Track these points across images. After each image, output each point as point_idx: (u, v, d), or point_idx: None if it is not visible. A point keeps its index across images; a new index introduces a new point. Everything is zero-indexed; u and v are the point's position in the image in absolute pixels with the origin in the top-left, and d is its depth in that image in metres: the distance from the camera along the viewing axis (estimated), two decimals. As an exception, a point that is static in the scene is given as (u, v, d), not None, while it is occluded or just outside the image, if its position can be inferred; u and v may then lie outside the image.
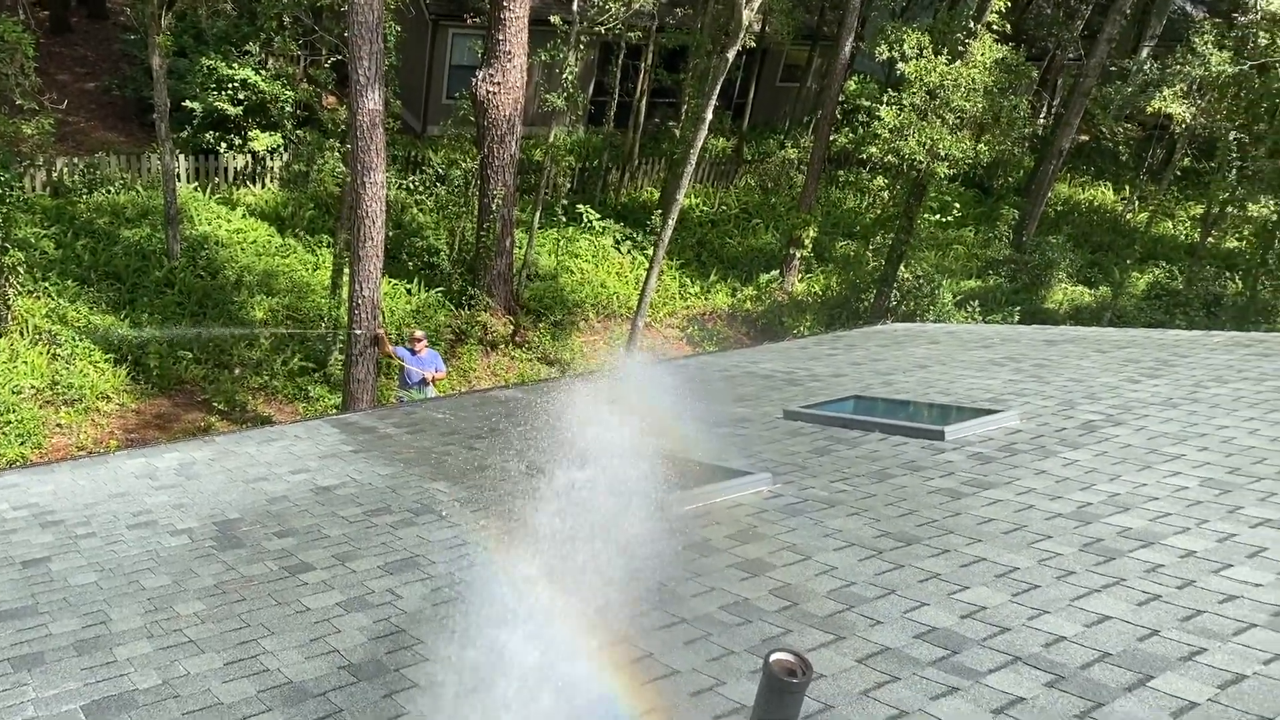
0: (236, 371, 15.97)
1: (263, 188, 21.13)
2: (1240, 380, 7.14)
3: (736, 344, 20.51)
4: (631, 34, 22.39)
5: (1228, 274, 22.37)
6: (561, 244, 21.70)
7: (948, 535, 4.55)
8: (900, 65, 18.44)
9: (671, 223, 17.01)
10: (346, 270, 14.88)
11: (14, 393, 14.29)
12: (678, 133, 24.84)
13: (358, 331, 13.35)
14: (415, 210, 21.25)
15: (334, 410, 14.78)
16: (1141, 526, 4.41)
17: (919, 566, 4.21)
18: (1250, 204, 21.19)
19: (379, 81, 12.55)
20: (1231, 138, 19.94)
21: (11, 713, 3.59)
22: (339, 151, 17.89)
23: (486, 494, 5.93)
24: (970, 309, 19.65)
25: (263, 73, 20.28)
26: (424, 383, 13.41)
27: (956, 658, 3.37)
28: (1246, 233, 22.68)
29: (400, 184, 21.31)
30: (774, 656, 2.41)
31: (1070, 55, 28.35)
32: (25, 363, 14.92)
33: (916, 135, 17.55)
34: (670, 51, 25.27)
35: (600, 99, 26.03)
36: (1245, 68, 19.02)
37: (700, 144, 16.62)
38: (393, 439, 7.78)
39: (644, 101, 24.30)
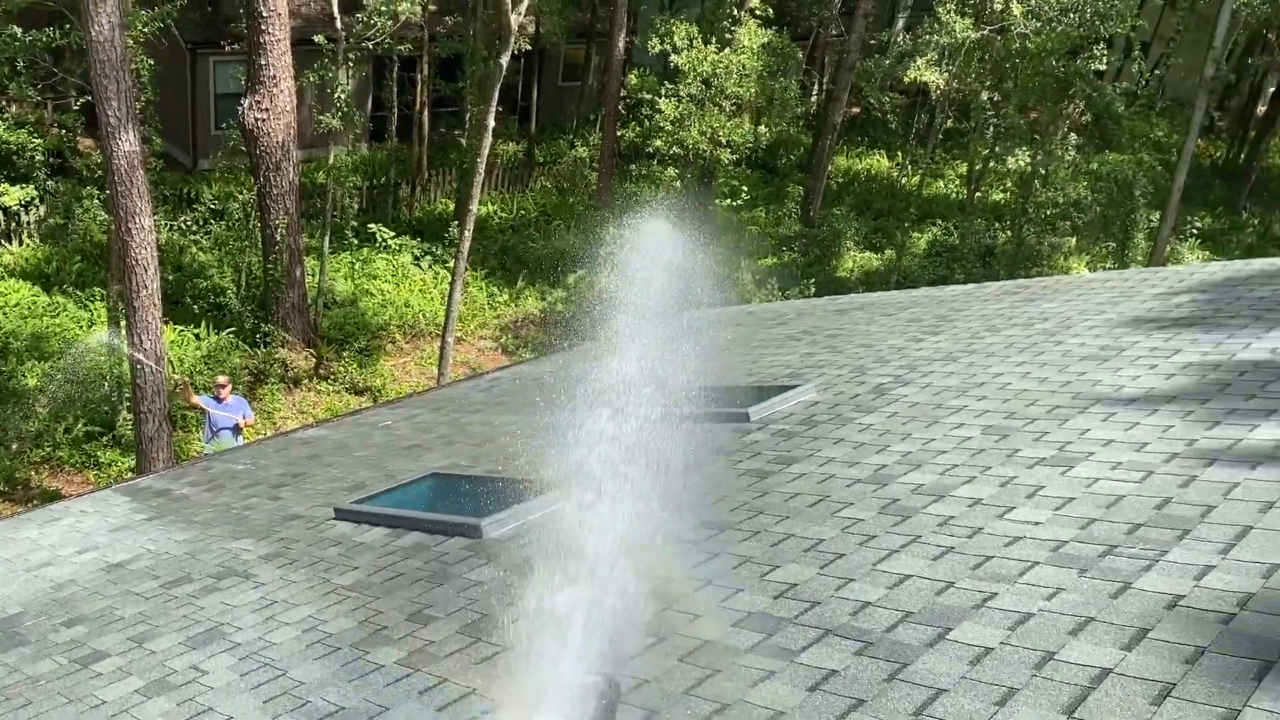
0: (14, 447, 14.71)
1: (20, 245, 19.51)
2: (1011, 327, 7.64)
3: (554, 349, 20.48)
4: (403, 46, 21.92)
5: (996, 225, 24.00)
6: (357, 267, 21.05)
7: (758, 516, 4.65)
8: (673, 57, 18.83)
9: (468, 233, 16.79)
10: (124, 324, 13.94)
11: None
12: (464, 142, 24.54)
13: (148, 382, 12.51)
14: (194, 250, 20.14)
15: (130, 474, 13.82)
16: (933, 481, 4.64)
17: (733, 553, 4.28)
18: (1008, 158, 22.80)
19: (133, 121, 11.80)
20: (983, 98, 21.38)
21: None
22: (99, 198, 16.73)
23: (294, 547, 5.66)
24: (769, 287, 20.31)
25: (2, 121, 18.71)
26: (236, 430, 12.71)
27: (772, 639, 3.43)
28: (1008, 185, 24.37)
29: (172, 225, 20.13)
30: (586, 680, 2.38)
31: (833, 32, 29.68)
32: None
33: (698, 125, 17.98)
34: (445, 60, 24.91)
35: (380, 114, 25.40)
36: (986, 33, 20.41)
37: (487, 151, 16.46)
38: (189, 499, 7.33)
39: (425, 113, 23.87)
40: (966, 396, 5.92)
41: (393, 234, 21.84)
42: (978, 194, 24.47)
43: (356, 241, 21.42)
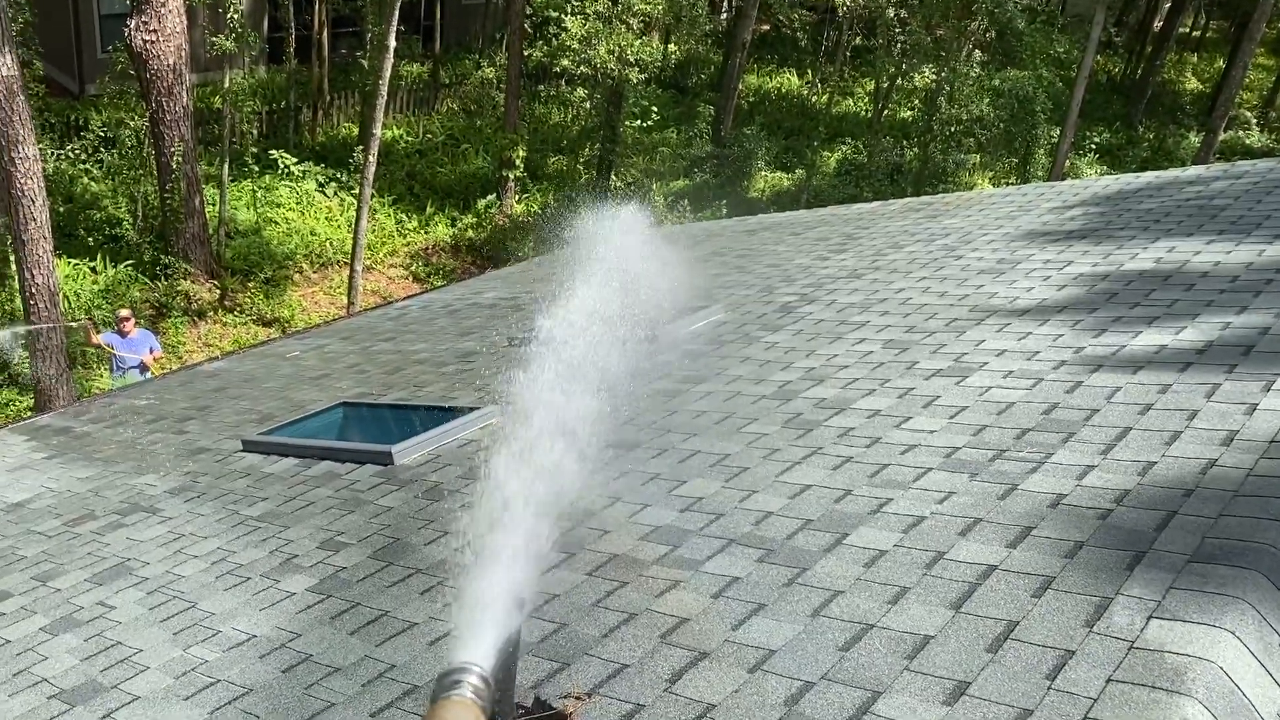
0: (-100, 390, 14.10)
1: (-107, 176, 18.42)
2: (914, 244, 7.81)
3: (465, 274, 20.24)
4: (298, -38, 21.02)
5: (904, 143, 24.28)
6: (259, 195, 20.39)
7: (667, 434, 4.73)
8: (579, -28, 18.43)
9: (373, 158, 16.38)
10: (12, 258, 13.35)
11: None
12: (365, 63, 23.76)
13: (47, 326, 12.08)
14: (85, 180, 19.26)
15: (28, 413, 13.37)
16: (835, 395, 4.77)
17: (642, 470, 4.36)
18: (914, 75, 23.00)
19: (9, 43, 11.18)
20: (890, 15, 21.44)
21: None
22: (-22, 125, 15.81)
23: (201, 480, 5.58)
24: (681, 209, 20.30)
25: None
26: (141, 367, 12.35)
27: (678, 551, 3.53)
28: (915, 102, 24.63)
29: (60, 154, 19.20)
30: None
31: (741, -52, 29.30)
32: None
33: (605, 43, 17.69)
34: (344, -23, 23.95)
35: (277, 35, 24.36)
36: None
37: (388, 72, 15.99)
38: (92, 437, 7.15)
39: (325, 33, 23.01)
40: (869, 312, 6.06)
41: (295, 160, 21.14)
42: (885, 112, 24.67)
43: (258, 169, 20.68)
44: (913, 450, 3.97)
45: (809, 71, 29.81)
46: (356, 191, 19.97)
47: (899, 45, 22.10)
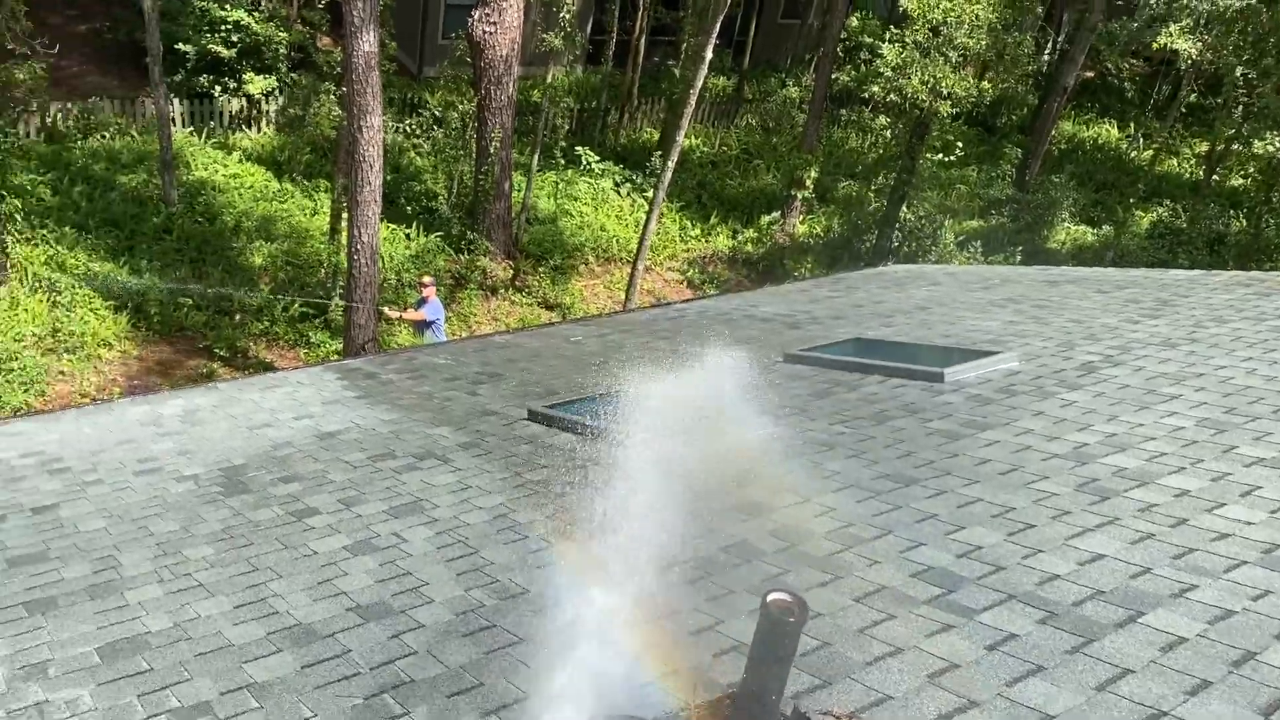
0: (237, 318, 15.99)
1: (259, 132, 20.95)
2: (1240, 320, 7.15)
3: (737, 287, 20.49)
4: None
5: (1232, 212, 22.23)
6: (561, 187, 21.56)
7: (945, 476, 4.60)
8: (902, 1, 18.15)
9: (672, 164, 16.89)
10: (345, 215, 14.83)
11: (16, 340, 14.32)
12: (677, 72, 24.54)
13: (363, 273, 13.36)
14: (413, 154, 21.09)
15: (335, 356, 14.82)
16: (1137, 466, 4.46)
17: (916, 507, 4.27)
18: (1256, 141, 20.98)
19: (374, 22, 12.39)
20: (1238, 73, 19.69)
21: (28, 655, 3.67)
22: (335, 95, 17.69)
23: (489, 439, 5.98)
24: (972, 250, 19.58)
25: (255, 14, 19.99)
26: (434, 329, 13.59)
27: (952, 596, 3.43)
28: (1251, 170, 22.48)
29: (397, 127, 21.11)
30: (771, 596, 2.46)
31: (1077, -11, 27.86)
32: (25, 310, 14.93)
33: (919, 73, 17.34)
34: (670, -12, 24.88)
35: (598, 38, 25.66)
36: (1252, 1, 18.70)
37: (700, 83, 16.43)
38: (395, 385, 7.82)
39: (643, 40, 23.97)
40: (1183, 385, 5.61)
41: (597, 158, 22.22)
42: (1215, 176, 22.68)
43: (563, 162, 21.90)
44: (1225, 539, 3.64)
45: (1132, 125, 27.91)
46: (649, 194, 20.69)
47: (1242, 107, 20.25)
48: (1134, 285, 8.99)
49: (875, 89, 18.40)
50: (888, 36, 18.55)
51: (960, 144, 21.07)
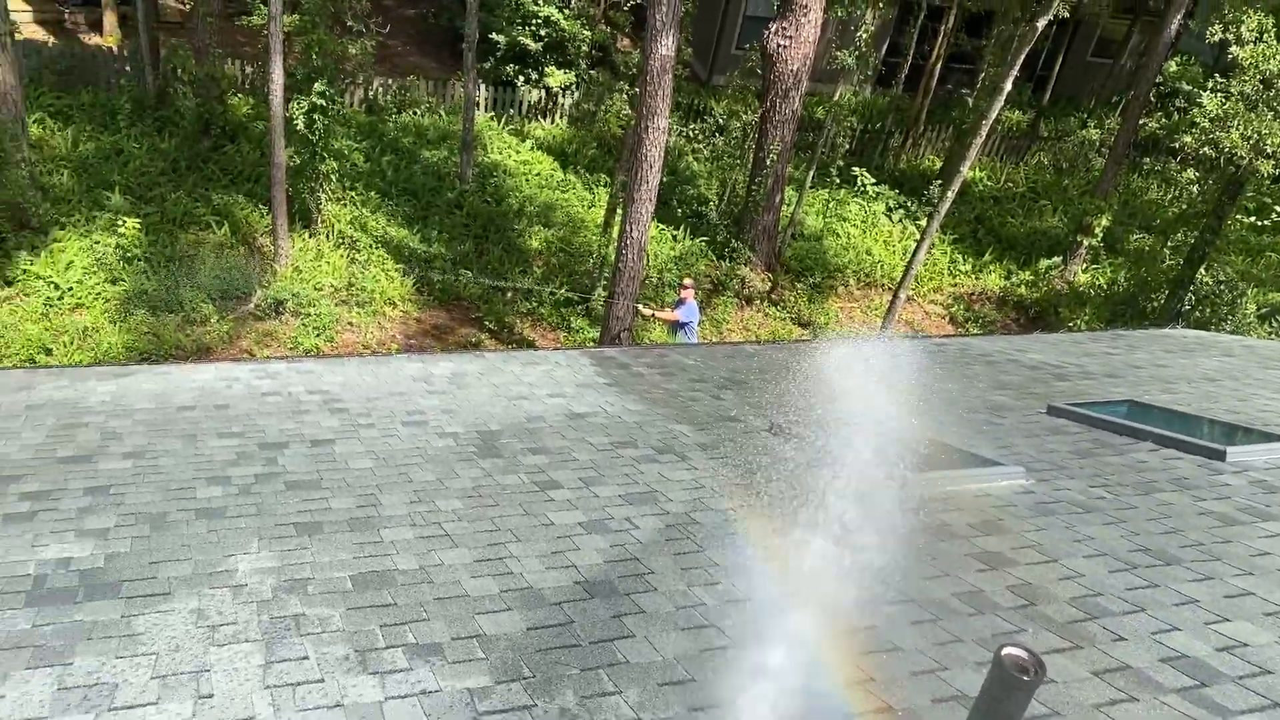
0: (509, 296, 16.95)
1: (552, 123, 22.10)
2: None
3: (1003, 329, 19.56)
4: (936, -5, 21.52)
5: None
6: (831, 206, 21.38)
7: (1214, 562, 4.21)
8: (1234, 49, 16.66)
9: (952, 194, 16.34)
10: (620, 211, 15.38)
11: (316, 289, 15.86)
12: (970, 101, 23.74)
13: (628, 267, 13.82)
14: (691, 158, 21.56)
15: (592, 343, 15.41)
16: None
17: (1176, 589, 3.94)
18: None
19: (674, 27, 12.76)
20: None
21: (294, 570, 4.07)
22: (626, 94, 18.38)
23: (727, 444, 6.04)
24: (1276, 324, 17.72)
25: (565, 11, 21.10)
26: (688, 330, 13.87)
27: (1206, 690, 3.14)
28: None
29: (680, 131, 21.65)
30: (1007, 650, 2.35)
31: None
32: (328, 263, 16.50)
33: (1241, 127, 15.87)
34: (974, 16, 24.07)
35: (892, 60, 25.24)
36: None
37: (994, 115, 15.79)
38: (644, 378, 8.04)
39: (939, 66, 23.34)
40: None
41: (873, 180, 21.86)
42: None
43: (838, 181, 21.71)
44: None
45: None
46: (922, 222, 20.12)
47: None
48: None
49: (1188, 139, 16.99)
50: (1210, 85, 17.09)
51: (1278, 208, 19.11)
